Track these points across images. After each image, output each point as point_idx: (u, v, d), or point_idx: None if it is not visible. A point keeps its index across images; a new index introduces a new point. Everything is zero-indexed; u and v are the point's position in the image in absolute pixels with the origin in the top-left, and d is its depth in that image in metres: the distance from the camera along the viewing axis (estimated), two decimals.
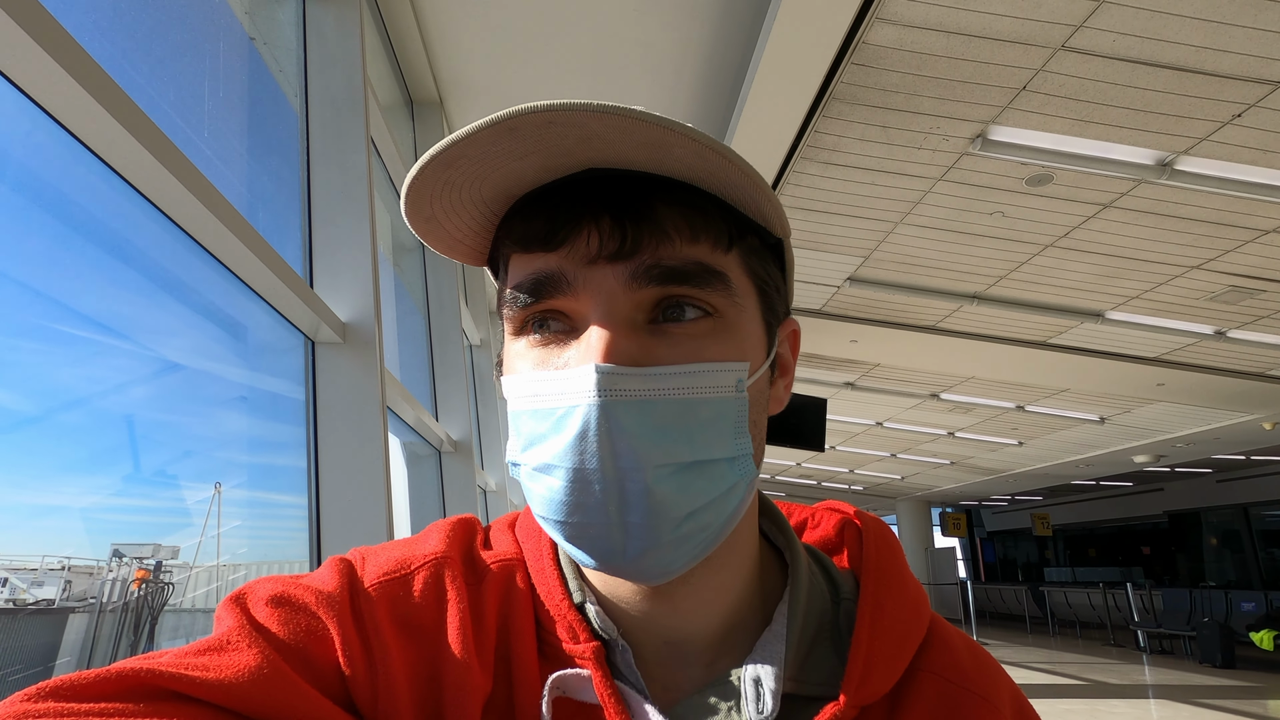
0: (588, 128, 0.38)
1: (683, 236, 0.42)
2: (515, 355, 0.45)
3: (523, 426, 0.42)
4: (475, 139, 0.38)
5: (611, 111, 0.37)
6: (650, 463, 0.38)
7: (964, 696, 0.45)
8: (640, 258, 0.41)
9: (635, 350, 0.40)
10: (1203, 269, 4.86)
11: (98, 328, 1.22)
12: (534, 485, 0.42)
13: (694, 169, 0.41)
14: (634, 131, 0.38)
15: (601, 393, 0.38)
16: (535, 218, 0.43)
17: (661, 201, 0.42)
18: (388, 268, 3.21)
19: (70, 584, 1.20)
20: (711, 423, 0.41)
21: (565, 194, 0.42)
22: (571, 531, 0.40)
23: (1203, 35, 2.89)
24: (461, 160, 0.40)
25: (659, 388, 0.39)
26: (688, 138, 0.38)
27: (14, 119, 0.98)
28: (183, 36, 1.63)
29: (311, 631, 0.41)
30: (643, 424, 0.38)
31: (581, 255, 0.41)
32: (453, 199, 0.43)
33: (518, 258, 0.44)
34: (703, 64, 3.34)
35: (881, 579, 0.48)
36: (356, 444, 1.77)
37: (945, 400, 8.97)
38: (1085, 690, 7.74)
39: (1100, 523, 18.79)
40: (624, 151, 0.40)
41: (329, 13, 2.15)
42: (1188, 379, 6.92)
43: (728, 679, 0.44)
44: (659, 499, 0.38)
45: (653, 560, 0.40)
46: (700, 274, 0.41)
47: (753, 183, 0.41)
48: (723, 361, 0.41)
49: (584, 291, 0.41)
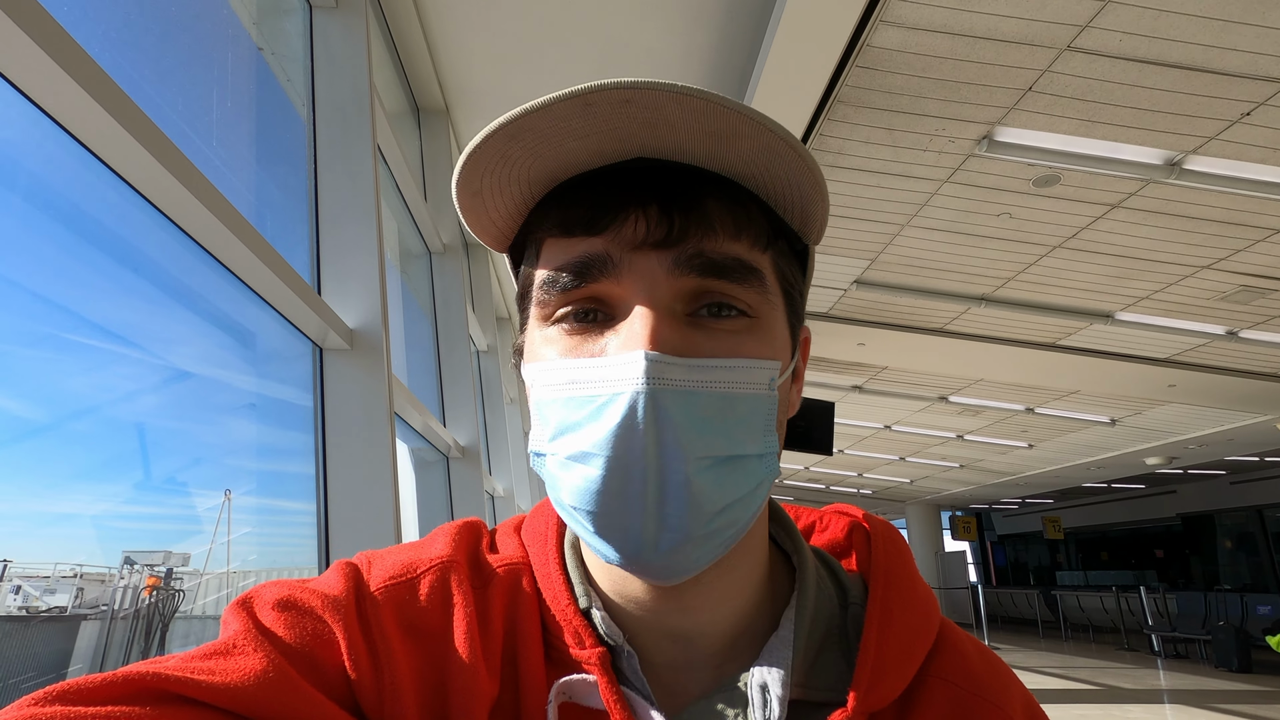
0: (662, 111, 0.38)
1: (726, 231, 0.42)
2: (544, 341, 0.44)
3: (553, 414, 0.42)
4: (549, 111, 0.38)
5: (691, 94, 0.37)
6: (693, 454, 0.38)
7: (975, 702, 0.44)
8: (685, 246, 0.41)
9: (678, 340, 0.40)
10: (1213, 269, 4.82)
11: (108, 336, 1.23)
12: (566, 474, 0.41)
13: (751, 164, 0.41)
14: (707, 118, 0.38)
15: (650, 380, 0.37)
16: (578, 202, 0.43)
17: (709, 195, 0.42)
18: (395, 274, 3.22)
19: (82, 591, 1.21)
20: (747, 418, 0.41)
21: (611, 180, 0.42)
22: (604, 522, 0.40)
23: (1210, 34, 2.87)
24: (526, 134, 0.39)
25: (702, 379, 0.39)
26: (763, 127, 0.38)
27: (26, 129, 0.99)
28: (191, 46, 1.65)
29: (318, 636, 0.41)
30: (688, 414, 0.38)
31: (627, 240, 0.41)
32: (504, 175, 0.42)
33: (556, 242, 0.43)
34: (707, 69, 3.35)
35: (890, 583, 0.47)
36: (364, 450, 1.78)
37: (954, 403, 8.93)
38: (1099, 695, 7.66)
39: (1113, 525, 18.63)
40: (685, 141, 0.40)
41: (336, 22, 2.17)
42: (1199, 380, 6.86)
43: (735, 685, 0.44)
44: (697, 491, 0.38)
45: (681, 555, 0.40)
46: (740, 269, 0.42)
47: (814, 180, 0.42)
48: (759, 359, 0.42)
49: (628, 276, 0.41)
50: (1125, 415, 9.00)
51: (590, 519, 0.40)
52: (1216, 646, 9.29)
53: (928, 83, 3.27)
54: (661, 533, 0.39)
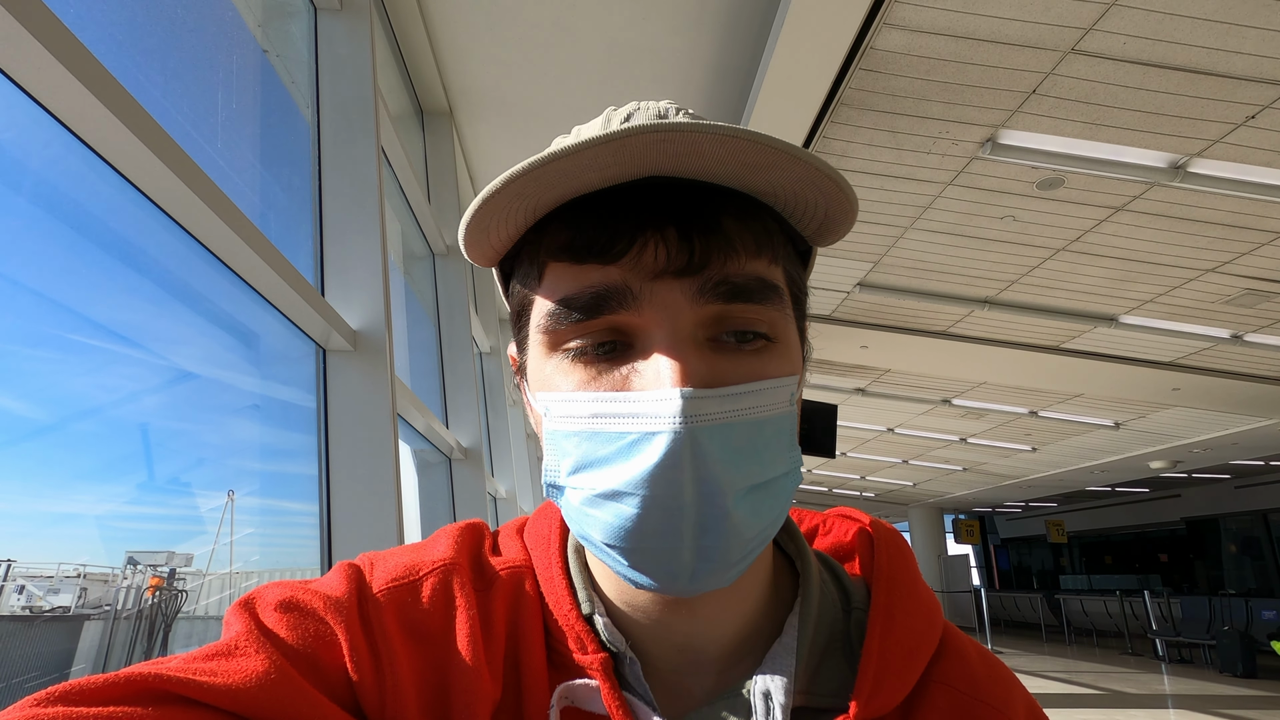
0: (698, 146, 0.37)
1: (748, 250, 0.40)
2: (557, 371, 0.41)
3: (573, 448, 0.40)
4: (580, 155, 0.36)
5: (733, 135, 0.36)
6: (730, 486, 0.37)
7: (978, 708, 0.44)
8: (708, 273, 0.39)
9: (706, 371, 0.38)
10: (1218, 272, 4.81)
11: (111, 336, 1.23)
12: (595, 512, 0.39)
13: (779, 188, 0.40)
14: (744, 153, 0.37)
15: (686, 419, 0.36)
16: (586, 226, 0.40)
17: (725, 212, 0.40)
18: (398, 276, 3.23)
19: (85, 591, 1.21)
20: (774, 439, 0.40)
21: (622, 201, 0.40)
22: (639, 558, 0.39)
23: (1214, 37, 2.87)
24: (549, 174, 0.38)
25: (733, 409, 0.38)
26: (805, 163, 0.37)
27: (31, 129, 0.99)
28: (197, 49, 1.65)
29: (320, 637, 0.41)
30: (724, 448, 0.37)
31: (646, 269, 0.39)
32: (512, 208, 0.40)
33: (563, 268, 0.41)
34: (711, 71, 3.35)
35: (893, 588, 0.47)
36: (367, 451, 1.78)
37: (957, 406, 8.91)
38: (1103, 700, 7.63)
39: (1116, 529, 18.56)
40: (712, 166, 0.39)
41: (340, 25, 2.18)
42: (1204, 383, 6.83)
43: (738, 692, 0.44)
44: (736, 522, 0.37)
45: (714, 579, 0.39)
46: (762, 289, 0.40)
47: (849, 207, 0.41)
48: (781, 377, 0.41)
49: (649, 307, 0.39)
50: (1129, 419, 8.97)
51: (625, 554, 0.39)
52: (1221, 651, 9.24)
53: (931, 85, 3.27)
54: (698, 563, 0.38)
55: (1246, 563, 14.75)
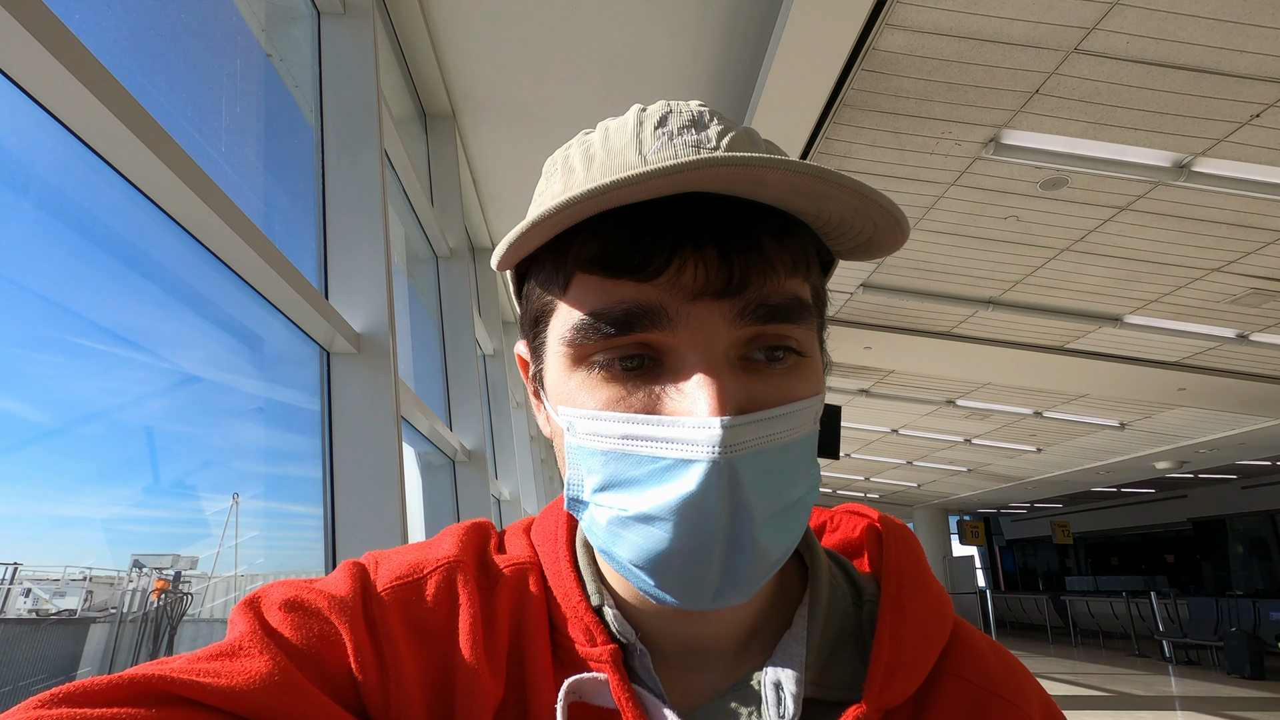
0: (762, 174, 0.35)
1: (785, 270, 0.39)
2: (580, 387, 0.40)
3: (599, 466, 0.39)
4: (641, 186, 0.34)
5: (799, 170, 0.35)
6: (763, 513, 0.37)
7: (991, 700, 0.44)
8: (747, 295, 0.38)
9: (741, 395, 0.38)
10: (1223, 271, 4.79)
11: (116, 340, 1.24)
12: (625, 533, 0.38)
13: (828, 214, 0.40)
14: (804, 182, 0.36)
15: (726, 449, 0.35)
16: (621, 239, 0.38)
17: (766, 231, 0.39)
18: (401, 278, 3.24)
19: (91, 594, 1.22)
20: (799, 459, 0.40)
21: (658, 215, 0.38)
22: (666, 579, 0.38)
23: (1218, 36, 2.86)
24: (601, 198, 0.36)
25: (768, 434, 0.37)
26: (873, 201, 0.37)
27: (36, 134, 1.00)
28: (200, 53, 1.66)
29: (324, 636, 0.41)
30: (758, 474, 0.37)
31: (685, 289, 0.37)
32: (550, 220, 0.38)
33: (593, 280, 0.39)
34: (713, 73, 3.35)
35: (903, 581, 0.47)
36: (371, 454, 1.78)
37: (961, 406, 8.89)
38: (1110, 701, 7.59)
39: (1122, 530, 18.49)
40: (765, 195, 0.38)
41: (343, 28, 2.18)
42: (1210, 383, 6.81)
43: (748, 683, 0.43)
44: (764, 546, 0.37)
45: (737, 597, 0.39)
46: (799, 309, 0.40)
47: (902, 236, 0.40)
48: (809, 398, 0.41)
49: (685, 329, 0.38)
50: (1135, 419, 8.94)
51: (652, 575, 0.39)
52: (1228, 653, 9.19)
53: (934, 86, 3.27)
54: (723, 581, 0.38)
55: (1254, 563, 14.68)
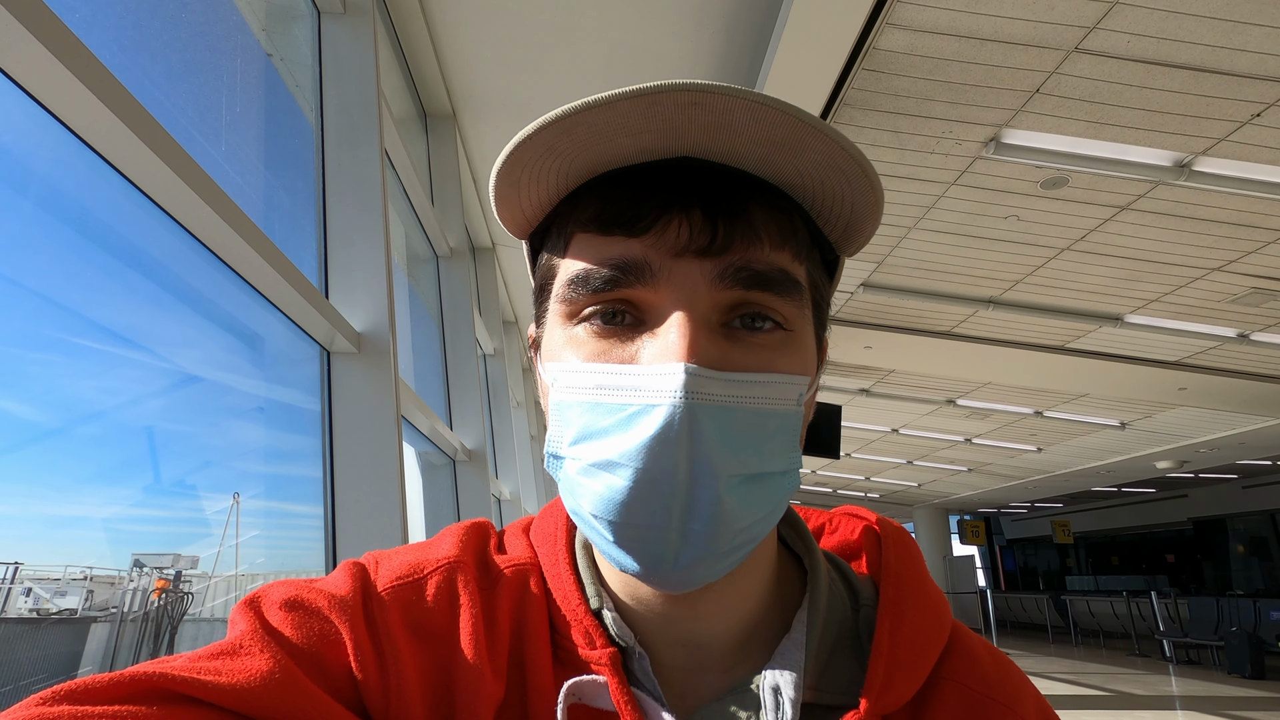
0: (729, 115, 0.37)
1: (772, 240, 0.40)
2: (567, 342, 0.42)
3: (576, 419, 0.40)
4: (612, 107, 0.36)
5: (769, 104, 0.36)
6: (725, 471, 0.37)
7: (988, 705, 0.44)
8: (730, 257, 0.39)
9: (714, 353, 0.39)
10: (1223, 271, 4.79)
11: (116, 339, 1.24)
12: (588, 481, 0.39)
13: (807, 177, 0.40)
14: (776, 127, 0.37)
15: (688, 394, 0.36)
16: (616, 199, 0.40)
17: (755, 201, 0.41)
18: (402, 278, 3.24)
19: (92, 594, 1.22)
20: (776, 435, 0.40)
21: (653, 179, 0.40)
22: (625, 534, 0.38)
23: (1218, 35, 2.86)
24: (581, 127, 0.38)
25: (738, 394, 0.38)
26: (835, 143, 0.37)
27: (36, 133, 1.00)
28: (201, 53, 1.66)
29: (324, 636, 0.41)
30: (722, 431, 0.37)
31: (669, 246, 0.39)
32: (546, 166, 0.40)
33: (588, 238, 0.41)
34: (713, 72, 3.35)
35: (901, 585, 0.47)
36: (371, 453, 1.78)
37: (962, 406, 8.89)
38: (1110, 701, 7.59)
39: (1123, 530, 18.48)
40: (742, 147, 0.39)
41: (344, 28, 2.18)
42: (1210, 383, 6.80)
43: (746, 687, 0.43)
44: (726, 509, 0.37)
45: (700, 570, 0.39)
46: (784, 281, 0.40)
47: (875, 200, 0.41)
48: (792, 374, 0.41)
49: (666, 284, 0.39)
50: (1135, 419, 8.94)
51: (611, 529, 0.39)
52: (1229, 653, 9.19)
53: (934, 85, 3.27)
54: (683, 548, 0.38)
55: (1254, 563, 14.68)
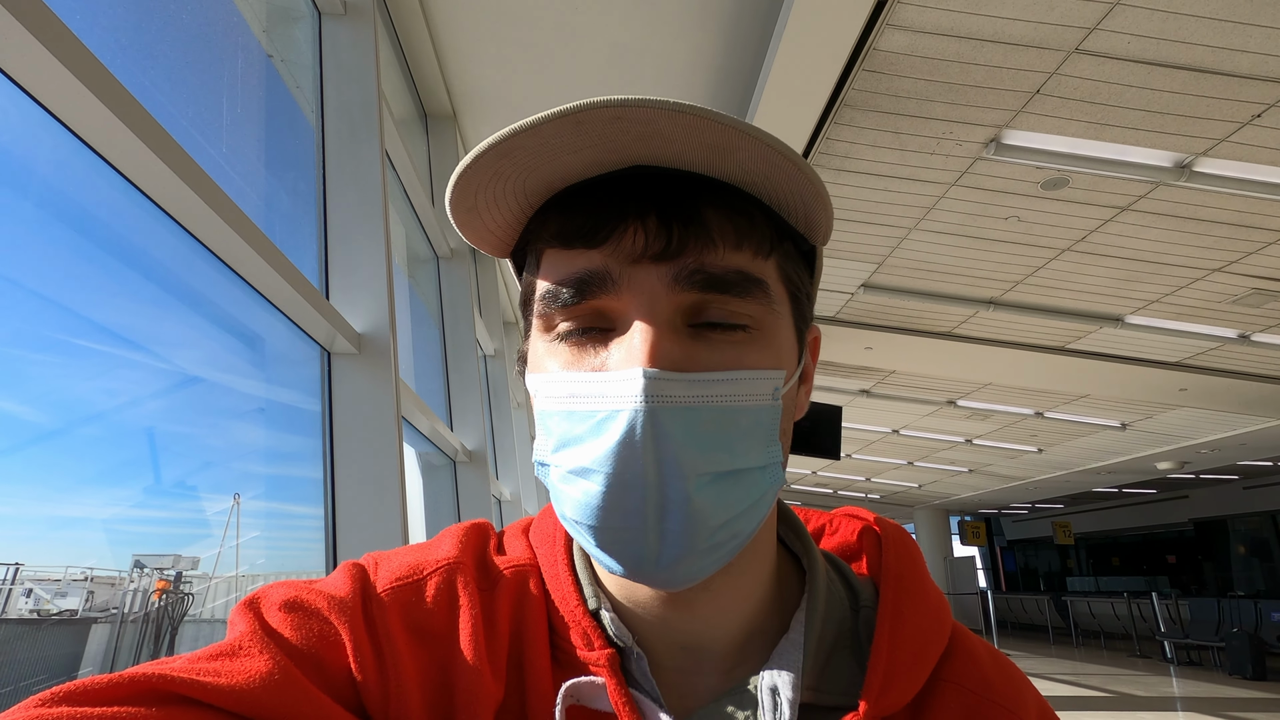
0: (654, 125, 0.38)
1: (727, 242, 0.41)
2: (545, 353, 0.43)
3: (555, 427, 0.41)
4: (537, 131, 0.38)
5: (683, 110, 0.37)
6: (693, 470, 0.38)
7: (988, 707, 0.44)
8: (684, 260, 0.40)
9: (678, 354, 0.39)
10: (1224, 271, 4.79)
11: (116, 340, 1.24)
12: (568, 489, 0.41)
13: (751, 174, 0.41)
14: (702, 132, 0.38)
15: (649, 398, 0.37)
16: (576, 213, 0.42)
17: (708, 204, 0.41)
18: (402, 279, 3.24)
19: (93, 595, 1.22)
20: (749, 431, 0.40)
21: (609, 190, 0.42)
22: (605, 537, 0.39)
23: (1219, 35, 2.86)
24: (518, 151, 0.39)
25: (703, 394, 0.38)
26: (760, 142, 0.38)
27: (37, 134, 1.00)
28: (202, 54, 1.66)
29: (324, 637, 0.41)
30: (687, 431, 0.38)
31: (626, 253, 0.40)
32: (499, 190, 0.42)
33: (555, 253, 0.43)
34: (714, 73, 3.35)
35: (901, 586, 0.47)
36: (372, 454, 1.78)
37: (962, 407, 8.88)
38: (1111, 702, 7.58)
39: (1124, 531, 18.46)
40: (682, 151, 0.40)
41: (344, 29, 2.19)
42: (1211, 384, 6.80)
43: (745, 688, 0.43)
44: (698, 507, 0.38)
45: (684, 568, 0.39)
46: (741, 283, 0.41)
47: (815, 191, 0.41)
48: (761, 369, 0.41)
49: (628, 291, 0.40)
50: (1136, 419, 8.94)
51: (592, 533, 0.40)
52: (1230, 653, 9.17)
53: (935, 86, 3.27)
54: (663, 547, 0.38)
55: (1255, 564, 14.66)
